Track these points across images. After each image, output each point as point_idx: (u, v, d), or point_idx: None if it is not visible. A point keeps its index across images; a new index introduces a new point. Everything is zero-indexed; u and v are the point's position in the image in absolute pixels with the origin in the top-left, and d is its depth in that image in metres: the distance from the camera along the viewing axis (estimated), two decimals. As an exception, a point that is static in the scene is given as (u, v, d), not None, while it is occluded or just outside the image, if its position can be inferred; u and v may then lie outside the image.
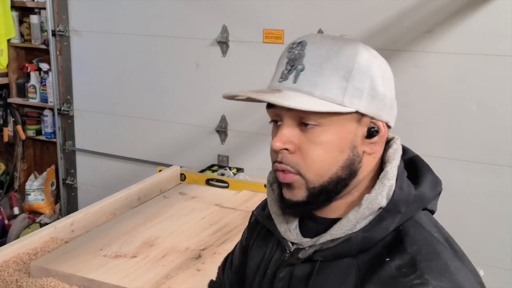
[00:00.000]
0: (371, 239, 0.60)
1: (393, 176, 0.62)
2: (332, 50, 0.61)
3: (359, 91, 0.60)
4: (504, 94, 1.75)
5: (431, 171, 0.65)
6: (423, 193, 0.62)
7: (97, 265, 1.11)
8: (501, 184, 1.80)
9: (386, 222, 0.60)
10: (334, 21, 1.94)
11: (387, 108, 0.63)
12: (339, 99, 0.60)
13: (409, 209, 0.61)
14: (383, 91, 0.62)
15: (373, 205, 0.60)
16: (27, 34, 2.71)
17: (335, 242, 0.61)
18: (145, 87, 2.38)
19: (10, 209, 2.83)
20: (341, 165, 0.61)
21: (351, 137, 0.61)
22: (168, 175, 1.68)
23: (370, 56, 0.62)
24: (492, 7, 1.71)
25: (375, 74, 0.61)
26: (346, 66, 0.60)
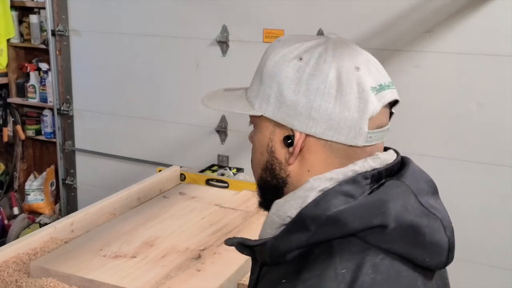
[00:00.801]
0: (277, 250, 0.56)
1: (311, 188, 0.56)
2: (264, 52, 0.63)
3: (267, 95, 0.60)
4: (504, 94, 1.75)
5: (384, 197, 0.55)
6: (343, 217, 0.53)
7: (96, 265, 1.11)
8: (501, 184, 1.80)
9: (293, 236, 0.55)
10: (334, 21, 1.94)
11: (301, 116, 0.57)
12: (252, 101, 0.62)
13: (321, 230, 0.53)
14: (294, 97, 0.57)
15: (280, 212, 0.58)
16: (26, 34, 2.71)
17: (256, 242, 0.61)
18: (145, 87, 2.38)
19: (9, 209, 2.83)
20: (262, 167, 0.63)
21: (267, 141, 0.61)
22: (168, 175, 1.67)
23: (284, 59, 0.59)
24: (492, 7, 1.71)
25: (285, 79, 0.58)
26: (260, 70, 0.62)
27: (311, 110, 0.56)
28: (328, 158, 0.58)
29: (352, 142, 0.57)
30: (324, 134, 0.57)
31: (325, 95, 0.56)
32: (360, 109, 0.56)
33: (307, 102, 0.57)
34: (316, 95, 0.56)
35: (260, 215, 1.41)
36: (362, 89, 0.56)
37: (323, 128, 0.56)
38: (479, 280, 1.84)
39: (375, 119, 0.57)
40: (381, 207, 0.54)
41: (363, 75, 0.57)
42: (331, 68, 0.57)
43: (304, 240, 0.54)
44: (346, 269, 0.52)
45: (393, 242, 0.54)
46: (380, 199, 0.55)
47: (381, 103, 0.58)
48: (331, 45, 0.59)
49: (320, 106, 0.56)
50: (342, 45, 0.61)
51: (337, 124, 0.56)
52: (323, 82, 0.56)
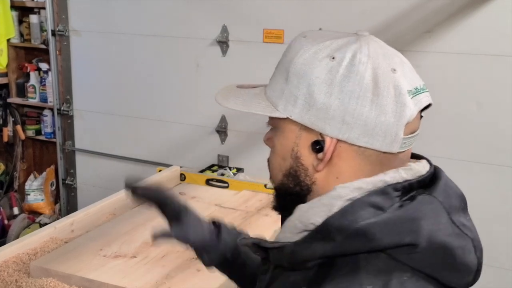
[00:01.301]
0: (298, 256, 0.53)
1: (337, 196, 0.53)
2: (289, 48, 0.58)
3: (293, 96, 0.55)
4: (505, 94, 1.75)
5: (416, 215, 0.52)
6: (371, 232, 0.50)
7: (97, 265, 1.11)
8: (501, 184, 1.80)
9: (315, 245, 0.52)
10: (334, 21, 1.94)
11: (333, 120, 0.53)
12: (275, 102, 0.56)
13: (348, 242, 0.51)
14: (325, 100, 0.53)
15: (303, 218, 0.54)
16: (26, 34, 2.71)
17: (274, 245, 0.57)
18: (145, 87, 2.38)
19: (9, 209, 2.83)
20: (284, 173, 0.58)
21: (291, 145, 0.56)
22: (168, 175, 1.68)
23: (315, 58, 0.54)
24: (492, 7, 1.71)
25: (315, 79, 0.53)
26: (286, 67, 0.56)
27: (345, 114, 0.52)
28: (359, 165, 0.54)
29: (387, 149, 0.53)
30: (358, 140, 0.53)
31: (360, 98, 0.52)
32: (397, 114, 0.53)
33: (340, 106, 0.52)
34: (350, 98, 0.52)
35: (260, 215, 1.41)
36: (399, 92, 0.53)
37: (358, 133, 0.53)
38: (479, 280, 1.84)
39: (410, 124, 0.55)
40: (412, 225, 0.51)
41: (399, 78, 0.54)
42: (367, 69, 0.53)
43: (328, 250, 0.52)
44: (373, 285, 0.50)
45: (422, 261, 0.52)
46: (412, 216, 0.52)
47: (417, 108, 0.55)
48: (364, 44, 0.55)
49: (355, 110, 0.52)
50: (375, 44, 0.56)
51: (372, 130, 0.52)
52: (359, 84, 0.52)
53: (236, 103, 0.59)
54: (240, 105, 0.59)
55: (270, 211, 1.51)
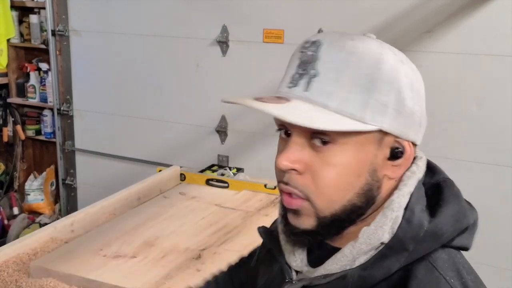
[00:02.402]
0: (370, 279, 0.51)
1: (399, 206, 0.52)
2: (353, 54, 0.50)
3: (382, 105, 0.50)
4: (505, 94, 1.75)
5: (458, 200, 0.54)
6: (438, 229, 0.51)
7: (97, 265, 1.11)
8: (501, 184, 1.80)
9: (388, 261, 0.50)
10: (334, 21, 1.94)
11: (415, 125, 0.53)
12: (358, 114, 0.50)
13: (420, 247, 0.51)
14: (412, 105, 0.52)
15: (372, 240, 0.51)
16: (26, 34, 2.71)
17: (328, 278, 0.53)
18: (145, 87, 2.38)
19: (9, 209, 2.83)
20: (357, 192, 0.52)
21: (371, 159, 0.52)
22: (168, 175, 1.68)
23: (397, 62, 0.51)
24: (492, 7, 1.71)
25: (403, 85, 0.51)
26: (369, 74, 0.50)
27: (422, 117, 0.53)
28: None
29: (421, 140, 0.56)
30: (420, 140, 0.55)
31: (422, 99, 0.54)
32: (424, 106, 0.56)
33: (419, 109, 0.53)
34: (423, 101, 0.53)
35: (260, 215, 1.42)
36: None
37: (422, 133, 0.54)
38: (479, 280, 1.84)
39: None
40: (462, 211, 0.53)
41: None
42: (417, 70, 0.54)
43: (403, 262, 0.50)
44: (452, 277, 0.51)
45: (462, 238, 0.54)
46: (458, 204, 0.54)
47: None
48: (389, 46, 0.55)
49: (423, 111, 0.53)
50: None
51: (423, 126, 0.55)
52: (422, 86, 0.54)
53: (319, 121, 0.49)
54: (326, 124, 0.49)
55: (270, 211, 1.52)
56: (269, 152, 0.65)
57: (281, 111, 0.49)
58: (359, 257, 0.52)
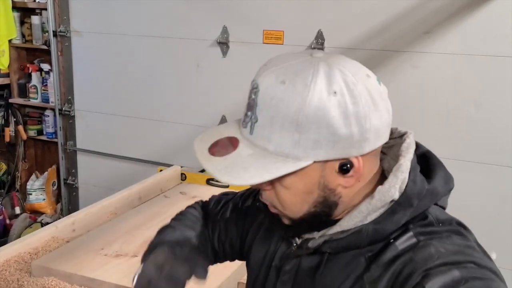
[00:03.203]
0: (382, 232, 0.59)
1: (406, 169, 0.60)
2: (281, 101, 0.56)
3: (314, 142, 0.56)
4: (503, 95, 1.75)
5: (443, 167, 0.65)
6: (436, 188, 0.61)
7: (98, 264, 1.12)
8: (501, 184, 1.80)
9: (398, 215, 0.59)
10: (333, 22, 1.95)
11: (357, 143, 0.57)
12: (292, 154, 0.56)
13: (421, 203, 0.60)
14: (347, 131, 0.56)
15: (386, 197, 0.59)
16: (28, 35, 2.72)
17: (345, 233, 0.61)
18: (146, 87, 2.39)
19: (11, 209, 2.84)
20: (313, 204, 0.61)
21: (318, 180, 0.59)
22: (168, 175, 1.68)
23: (323, 100, 0.55)
24: (491, 8, 1.71)
25: (333, 119, 0.55)
26: (295, 119, 0.55)
27: (365, 133, 0.57)
28: (373, 162, 0.62)
29: (387, 138, 0.62)
30: (374, 146, 0.59)
31: (370, 114, 0.57)
32: (388, 108, 0.60)
33: (360, 129, 0.56)
34: (365, 119, 0.56)
35: (260, 214, 1.42)
36: (380, 91, 0.59)
37: (373, 141, 0.58)
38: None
39: None
40: (448, 175, 0.64)
41: (372, 79, 0.59)
42: (360, 87, 0.57)
43: (408, 215, 0.59)
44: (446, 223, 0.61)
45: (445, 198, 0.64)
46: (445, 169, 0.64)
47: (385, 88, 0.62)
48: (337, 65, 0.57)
49: (370, 126, 0.57)
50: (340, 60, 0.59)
51: (381, 131, 0.59)
52: (365, 104, 0.56)
53: (255, 176, 0.56)
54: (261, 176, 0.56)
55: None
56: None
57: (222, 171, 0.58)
58: (372, 214, 0.60)
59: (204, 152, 0.62)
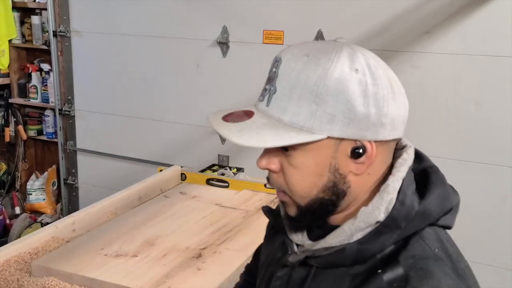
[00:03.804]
0: (366, 252, 0.58)
1: (393, 190, 0.58)
2: (302, 72, 0.56)
3: (330, 115, 0.55)
4: (503, 95, 1.75)
5: (443, 184, 0.61)
6: (427, 209, 0.58)
7: (98, 264, 1.12)
8: (501, 184, 1.80)
9: (383, 237, 0.57)
10: (333, 22, 1.95)
11: (373, 126, 0.56)
12: (307, 126, 0.56)
13: (411, 225, 0.58)
14: (365, 110, 0.56)
15: (369, 219, 0.58)
16: (28, 35, 2.73)
17: (329, 250, 0.60)
18: (146, 87, 2.39)
19: (11, 209, 2.84)
20: (322, 188, 0.59)
21: (330, 160, 0.58)
22: (168, 175, 1.68)
23: (345, 74, 0.55)
24: (491, 8, 1.72)
25: (352, 94, 0.55)
26: (315, 90, 0.55)
27: (381, 117, 0.56)
28: (386, 156, 0.60)
29: (401, 135, 0.60)
30: (390, 135, 0.58)
31: (388, 99, 0.57)
32: (405, 105, 0.59)
33: (377, 111, 0.56)
34: (383, 102, 0.56)
35: (260, 214, 1.42)
36: (399, 84, 0.60)
37: (389, 130, 0.58)
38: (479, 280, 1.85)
39: None
40: (446, 194, 0.61)
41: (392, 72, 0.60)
42: (381, 72, 0.57)
43: (395, 238, 0.58)
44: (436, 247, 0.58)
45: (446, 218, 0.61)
46: (443, 188, 0.61)
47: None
48: (359, 49, 0.59)
49: (388, 112, 0.57)
50: (360, 47, 0.60)
51: (396, 123, 0.58)
52: (385, 88, 0.57)
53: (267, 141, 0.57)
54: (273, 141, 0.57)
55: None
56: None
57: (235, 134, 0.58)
58: (357, 233, 0.59)
59: (217, 119, 0.62)
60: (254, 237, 1.27)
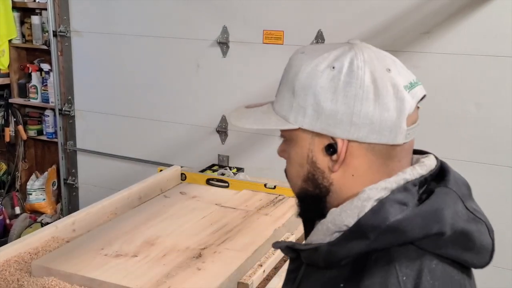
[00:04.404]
0: (334, 255, 0.57)
1: (367, 198, 0.57)
2: (289, 66, 0.62)
3: (302, 108, 0.59)
4: (503, 95, 1.75)
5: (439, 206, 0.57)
6: (402, 226, 0.55)
7: (98, 264, 1.12)
8: (501, 184, 1.80)
9: (350, 243, 0.56)
10: (333, 22, 1.95)
11: (342, 124, 0.57)
12: (286, 115, 0.61)
13: (381, 238, 0.55)
14: (333, 106, 0.57)
15: (337, 221, 0.58)
16: (28, 35, 2.73)
17: (307, 246, 0.61)
18: (146, 87, 2.39)
19: (11, 209, 2.84)
20: (304, 179, 0.62)
21: (306, 152, 0.61)
22: (168, 175, 1.68)
23: (316, 70, 0.58)
24: (491, 8, 1.72)
25: (321, 89, 0.57)
26: (291, 82, 0.60)
27: (352, 116, 0.57)
28: (371, 160, 0.59)
29: (394, 141, 0.58)
30: (367, 138, 0.58)
31: (364, 100, 0.56)
32: (398, 109, 0.58)
33: (347, 109, 0.57)
34: (355, 101, 0.57)
35: (260, 214, 1.42)
36: (397, 89, 0.58)
37: (366, 132, 0.57)
38: (479, 279, 1.84)
39: (411, 115, 0.60)
40: (437, 216, 0.56)
41: (395, 75, 0.59)
42: (366, 73, 0.57)
43: (363, 248, 0.56)
44: (407, 276, 0.55)
45: (447, 247, 0.57)
46: (435, 208, 0.57)
47: (415, 100, 0.61)
48: (359, 51, 0.59)
49: (360, 111, 0.57)
50: (368, 49, 0.60)
51: (378, 126, 0.57)
52: (361, 87, 0.57)
53: (249, 122, 0.64)
54: (252, 123, 0.64)
55: (270, 210, 1.52)
56: (269, 152, 0.70)
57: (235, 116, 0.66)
58: (332, 235, 0.59)
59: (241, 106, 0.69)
60: (254, 237, 1.27)
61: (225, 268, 1.12)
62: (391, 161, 0.59)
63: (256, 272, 1.13)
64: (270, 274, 1.18)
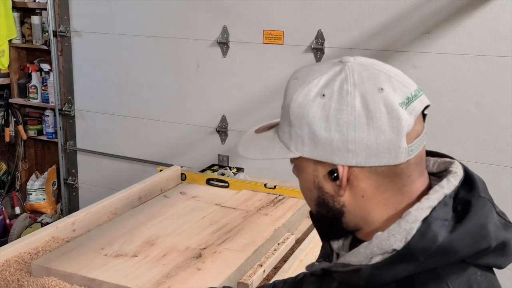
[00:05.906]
0: (379, 280, 0.57)
1: (415, 219, 0.56)
2: (285, 91, 0.62)
3: (300, 137, 0.59)
4: (503, 95, 1.75)
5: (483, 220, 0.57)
6: (453, 246, 0.54)
7: (98, 264, 1.12)
8: (500, 184, 1.80)
9: (398, 267, 0.55)
10: (333, 22, 1.95)
11: (339, 151, 0.57)
12: (288, 144, 0.61)
13: (430, 260, 0.55)
14: (327, 135, 0.57)
15: (384, 245, 0.57)
16: (28, 35, 2.73)
17: (346, 267, 0.60)
18: (146, 87, 2.39)
19: (11, 209, 2.84)
20: (315, 203, 0.63)
21: (312, 178, 0.61)
22: (168, 175, 1.68)
23: (307, 100, 0.58)
24: (490, 8, 1.72)
25: (313, 119, 0.57)
26: (287, 112, 0.61)
27: (347, 143, 0.56)
28: (377, 181, 0.58)
29: (395, 162, 0.57)
30: (366, 162, 0.57)
31: (356, 126, 0.56)
32: (395, 129, 0.56)
33: (341, 137, 0.56)
34: (348, 128, 0.56)
35: (260, 214, 1.42)
36: (391, 108, 0.56)
37: (363, 157, 0.57)
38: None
39: (411, 132, 0.58)
40: (483, 231, 0.56)
41: (388, 94, 0.56)
42: (355, 97, 0.56)
43: (411, 270, 0.55)
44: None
45: (488, 258, 0.58)
46: (480, 223, 0.56)
47: (413, 116, 0.58)
48: (349, 72, 0.58)
49: (355, 138, 0.56)
50: (359, 69, 0.58)
51: (376, 150, 0.56)
52: (352, 114, 0.56)
53: (255, 152, 0.64)
54: (258, 153, 0.64)
55: (270, 210, 1.52)
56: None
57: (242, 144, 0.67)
58: (376, 257, 0.58)
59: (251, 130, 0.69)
60: (254, 237, 1.27)
61: (225, 268, 1.12)
62: (399, 178, 0.59)
63: (256, 272, 1.13)
64: (270, 274, 1.18)
